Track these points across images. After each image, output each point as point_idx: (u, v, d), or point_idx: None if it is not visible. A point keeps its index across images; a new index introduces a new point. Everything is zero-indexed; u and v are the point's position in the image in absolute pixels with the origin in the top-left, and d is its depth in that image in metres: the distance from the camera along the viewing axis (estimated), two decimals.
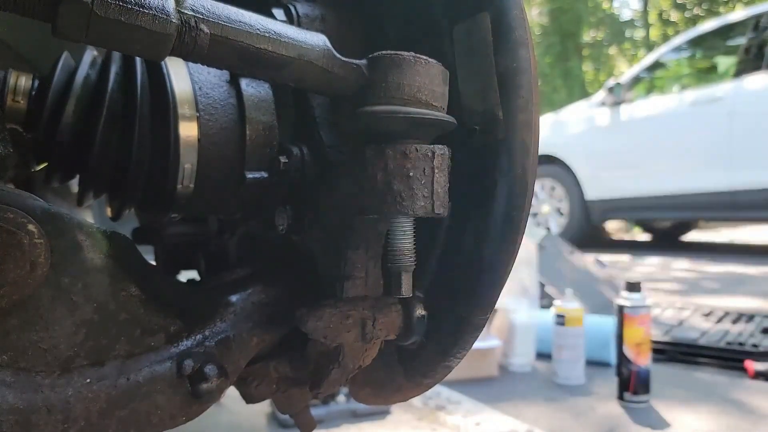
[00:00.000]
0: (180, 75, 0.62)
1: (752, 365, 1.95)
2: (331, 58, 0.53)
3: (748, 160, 4.35)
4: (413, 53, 0.54)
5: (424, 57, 0.54)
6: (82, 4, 0.40)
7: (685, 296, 3.28)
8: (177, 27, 0.44)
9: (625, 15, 17.70)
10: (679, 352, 2.16)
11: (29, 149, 0.63)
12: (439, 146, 0.55)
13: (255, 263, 0.72)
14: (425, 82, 0.54)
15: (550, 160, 5.56)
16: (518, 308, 2.13)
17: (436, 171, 0.54)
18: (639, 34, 15.88)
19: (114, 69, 0.62)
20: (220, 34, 0.47)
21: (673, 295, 3.34)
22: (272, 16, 0.65)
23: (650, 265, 4.62)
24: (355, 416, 1.52)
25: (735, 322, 2.54)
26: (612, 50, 16.25)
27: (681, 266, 4.50)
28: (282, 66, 0.51)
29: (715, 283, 3.73)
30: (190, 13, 0.45)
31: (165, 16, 0.43)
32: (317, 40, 0.52)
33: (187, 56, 0.47)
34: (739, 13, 5.23)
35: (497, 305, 0.65)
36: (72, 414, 0.50)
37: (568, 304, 1.97)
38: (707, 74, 5.18)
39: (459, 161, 0.57)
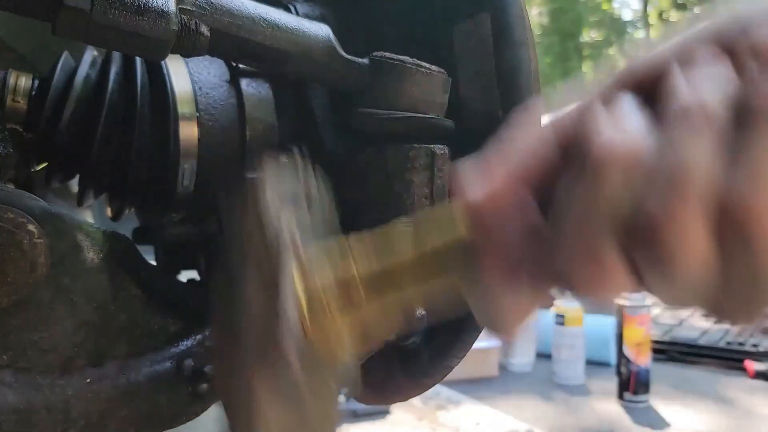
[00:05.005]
0: (180, 74, 0.62)
1: (752, 365, 1.95)
2: (334, 53, 0.53)
3: None
4: (415, 60, 0.54)
5: (426, 65, 0.54)
6: (81, 11, 0.41)
7: None
8: (176, 33, 0.44)
9: (625, 15, 17.72)
10: (678, 351, 2.16)
11: (29, 149, 0.63)
12: (439, 146, 0.55)
13: None
14: (424, 93, 0.54)
15: None
16: None
17: (436, 171, 0.54)
18: (639, 34, 15.90)
19: (114, 69, 0.62)
20: (222, 30, 0.47)
21: None
22: None
23: None
24: (355, 416, 1.52)
25: None
26: (612, 50, 16.26)
27: None
28: (285, 60, 0.51)
29: None
30: (192, 8, 0.45)
31: (165, 23, 0.43)
32: (321, 32, 0.53)
33: (187, 55, 0.47)
34: None
35: None
36: (72, 414, 0.50)
37: (568, 304, 1.97)
38: None
39: (459, 162, 0.58)
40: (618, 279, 0.25)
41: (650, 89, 0.27)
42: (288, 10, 0.66)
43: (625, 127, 0.25)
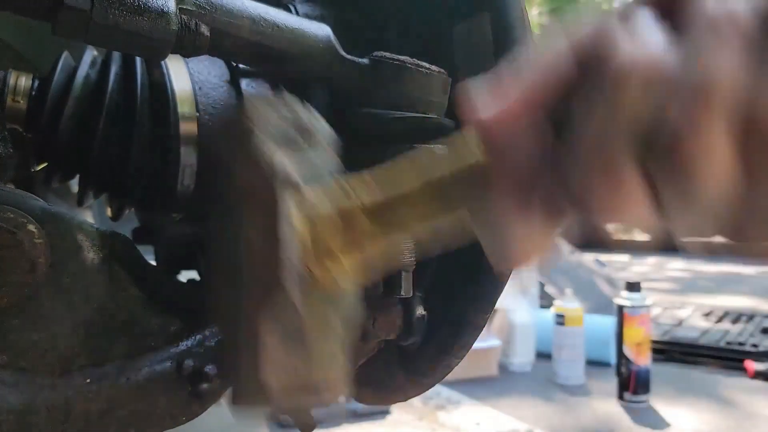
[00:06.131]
0: (180, 75, 0.62)
1: (752, 365, 1.95)
2: (334, 53, 0.53)
3: None
4: (415, 60, 0.54)
5: (426, 65, 0.54)
6: (81, 11, 0.41)
7: (682, 295, 3.29)
8: (176, 33, 0.44)
9: None
10: (679, 351, 2.16)
11: (29, 149, 0.63)
12: (439, 146, 0.55)
13: None
14: (424, 93, 0.54)
15: None
16: (518, 308, 2.12)
17: None
18: None
19: (114, 69, 0.62)
20: (222, 30, 0.47)
21: (670, 294, 3.34)
22: None
23: (647, 264, 4.62)
24: (355, 416, 1.52)
25: (735, 321, 2.54)
26: None
27: (677, 266, 4.50)
28: (285, 60, 0.51)
29: (712, 283, 3.73)
30: (192, 8, 0.45)
31: (165, 23, 0.43)
32: (321, 32, 0.53)
33: (187, 55, 0.48)
34: None
35: (497, 305, 0.65)
36: (72, 414, 0.50)
37: (568, 303, 1.98)
38: None
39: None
40: (637, 199, 0.24)
41: (669, 6, 0.25)
42: (288, 10, 0.66)
43: (646, 39, 0.24)
